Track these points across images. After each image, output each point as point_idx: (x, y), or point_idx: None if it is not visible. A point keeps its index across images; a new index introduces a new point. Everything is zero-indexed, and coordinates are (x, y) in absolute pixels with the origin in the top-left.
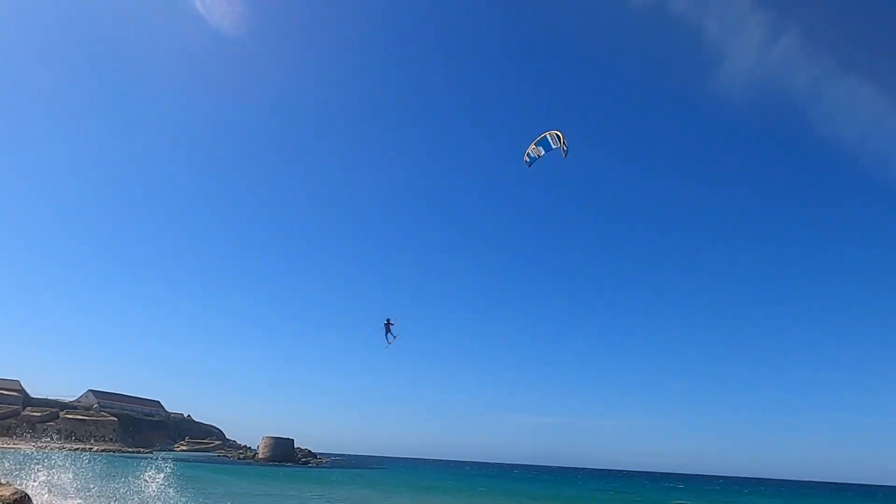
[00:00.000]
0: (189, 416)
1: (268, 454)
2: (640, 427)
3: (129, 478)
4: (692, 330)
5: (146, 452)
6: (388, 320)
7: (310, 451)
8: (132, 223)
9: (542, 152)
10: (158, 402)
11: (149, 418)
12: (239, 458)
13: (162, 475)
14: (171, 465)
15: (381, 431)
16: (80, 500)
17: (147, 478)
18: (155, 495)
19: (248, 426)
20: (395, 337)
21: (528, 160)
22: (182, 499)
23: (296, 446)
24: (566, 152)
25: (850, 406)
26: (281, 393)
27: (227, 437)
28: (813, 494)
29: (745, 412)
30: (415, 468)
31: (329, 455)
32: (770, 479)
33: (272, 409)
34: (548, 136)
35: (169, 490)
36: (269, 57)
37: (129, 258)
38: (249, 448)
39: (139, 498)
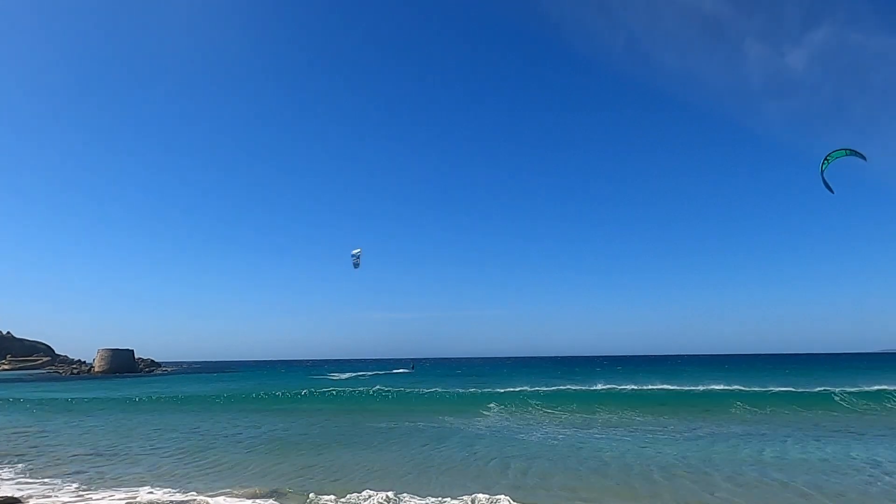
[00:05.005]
0: (9, 333)
1: (105, 366)
2: (486, 317)
3: None
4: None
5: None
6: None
7: (152, 360)
8: None
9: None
10: None
11: None
12: (72, 373)
13: None
14: None
15: (232, 337)
16: None
17: None
18: None
19: (82, 341)
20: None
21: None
22: None
23: (137, 356)
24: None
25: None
26: (117, 305)
27: (57, 352)
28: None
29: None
30: (271, 370)
31: (176, 363)
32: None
33: (108, 322)
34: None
35: None
36: None
37: None
38: (84, 362)
39: None
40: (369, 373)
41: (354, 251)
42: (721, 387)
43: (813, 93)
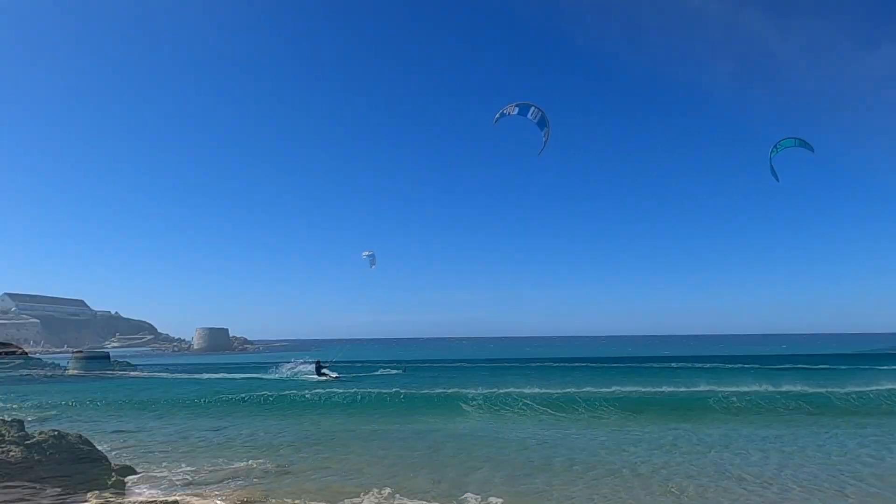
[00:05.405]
0: (117, 312)
1: (203, 345)
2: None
3: None
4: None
5: (76, 353)
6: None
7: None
8: None
9: (515, 111)
10: (82, 301)
11: (74, 318)
12: (173, 351)
13: None
14: None
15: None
16: None
17: None
18: None
19: (181, 319)
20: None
21: (498, 116)
22: None
23: (231, 335)
24: (545, 143)
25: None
26: (208, 283)
27: (160, 331)
28: None
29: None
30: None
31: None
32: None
33: (204, 302)
34: (532, 106)
35: None
36: None
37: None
38: (183, 340)
39: None
40: (352, 374)
41: (366, 252)
42: (699, 388)
43: (810, 89)
